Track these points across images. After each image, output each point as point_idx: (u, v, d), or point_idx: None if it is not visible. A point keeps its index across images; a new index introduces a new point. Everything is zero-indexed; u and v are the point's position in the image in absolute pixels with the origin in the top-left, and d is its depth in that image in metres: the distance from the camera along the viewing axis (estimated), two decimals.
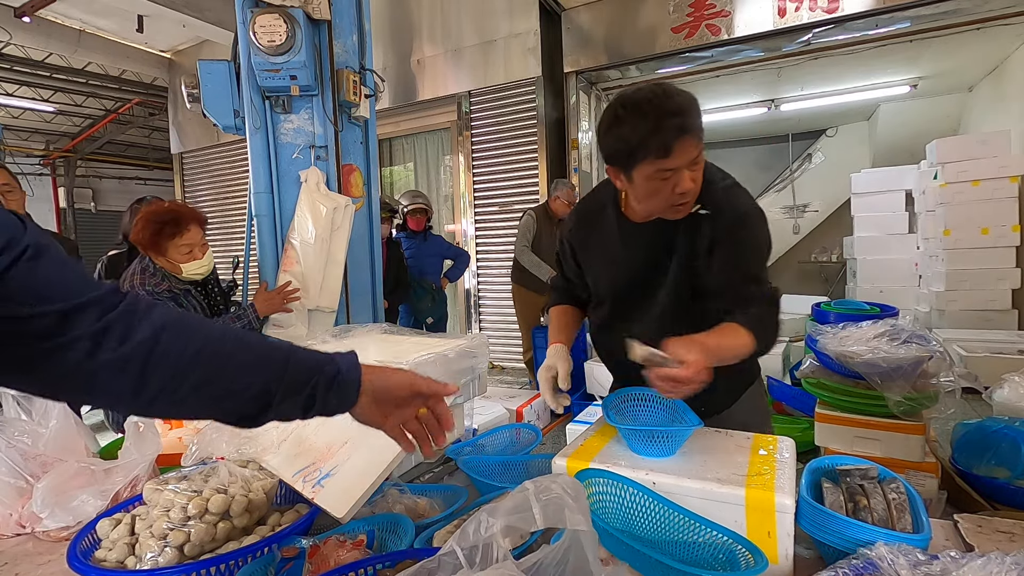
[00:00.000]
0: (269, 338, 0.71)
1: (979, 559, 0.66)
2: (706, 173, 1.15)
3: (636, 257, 1.24)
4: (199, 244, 1.99)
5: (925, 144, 5.58)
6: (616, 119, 1.07)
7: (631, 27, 4.76)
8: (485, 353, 1.49)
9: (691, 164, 1.05)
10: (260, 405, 0.64)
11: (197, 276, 2.03)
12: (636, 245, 1.23)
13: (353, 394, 0.71)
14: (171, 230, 1.92)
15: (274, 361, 0.66)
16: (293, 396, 0.66)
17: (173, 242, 1.93)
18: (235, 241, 6.88)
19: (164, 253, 1.95)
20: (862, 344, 1.57)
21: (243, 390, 0.63)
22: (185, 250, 1.96)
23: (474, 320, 5.56)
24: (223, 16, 5.17)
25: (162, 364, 0.58)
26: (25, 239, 0.52)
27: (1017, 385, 1.65)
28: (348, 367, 0.71)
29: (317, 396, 0.67)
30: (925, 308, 5.59)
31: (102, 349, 0.54)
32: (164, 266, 1.98)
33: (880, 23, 4.14)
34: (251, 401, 0.64)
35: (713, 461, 0.97)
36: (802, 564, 0.87)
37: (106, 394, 0.58)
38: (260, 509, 0.98)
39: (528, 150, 5.10)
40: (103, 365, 0.54)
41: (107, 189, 10.63)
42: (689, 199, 1.11)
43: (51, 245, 0.55)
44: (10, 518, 1.09)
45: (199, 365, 0.60)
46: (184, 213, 1.98)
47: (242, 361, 0.64)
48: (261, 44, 2.17)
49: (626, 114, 1.05)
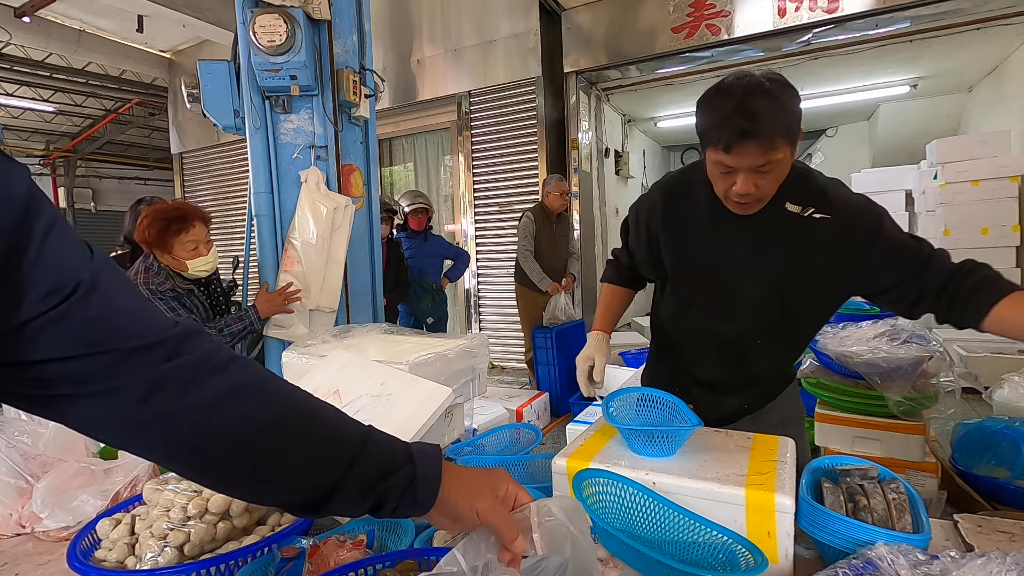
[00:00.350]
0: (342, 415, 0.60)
1: (979, 559, 0.66)
2: (806, 171, 1.14)
3: (734, 248, 1.17)
4: (204, 241, 2.01)
5: (925, 144, 5.58)
6: (708, 96, 1.05)
7: (631, 27, 4.76)
8: (485, 353, 1.49)
9: (755, 168, 1.02)
10: (315, 500, 0.55)
11: (203, 273, 2.03)
12: (735, 236, 1.16)
13: (429, 502, 0.59)
14: (177, 227, 1.94)
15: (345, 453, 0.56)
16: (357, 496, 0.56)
17: (179, 239, 1.95)
18: (235, 241, 6.88)
19: (170, 251, 1.96)
20: (862, 344, 1.57)
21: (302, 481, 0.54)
22: (191, 247, 1.97)
23: (474, 320, 5.56)
24: (223, 16, 5.18)
25: (221, 432, 0.50)
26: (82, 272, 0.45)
27: (1017, 385, 1.66)
28: (427, 473, 0.59)
29: (386, 502, 0.57)
30: None
31: (154, 400, 0.47)
32: (169, 264, 1.99)
33: (880, 23, 4.14)
34: (308, 493, 0.55)
35: (713, 461, 0.97)
36: (802, 564, 0.87)
37: (147, 451, 0.51)
38: (260, 509, 0.98)
39: (528, 150, 5.10)
40: (150, 419, 0.47)
41: (107, 189, 10.64)
42: (749, 201, 1.07)
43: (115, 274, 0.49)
44: (10, 518, 1.09)
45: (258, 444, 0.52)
46: (189, 210, 2.01)
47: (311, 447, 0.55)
48: (261, 44, 2.17)
49: (715, 96, 1.03)
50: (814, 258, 1.11)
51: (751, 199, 1.07)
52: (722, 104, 1.01)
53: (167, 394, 0.47)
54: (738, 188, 1.04)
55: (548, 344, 4.13)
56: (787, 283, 1.15)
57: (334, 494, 0.55)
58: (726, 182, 1.07)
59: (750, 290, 1.18)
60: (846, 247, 1.09)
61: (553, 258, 4.22)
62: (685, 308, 1.30)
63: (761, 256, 1.15)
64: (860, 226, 1.09)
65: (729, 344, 1.25)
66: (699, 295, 1.26)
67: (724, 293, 1.21)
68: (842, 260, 1.10)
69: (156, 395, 0.47)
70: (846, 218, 1.09)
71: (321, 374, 1.29)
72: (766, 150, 0.99)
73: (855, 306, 2.53)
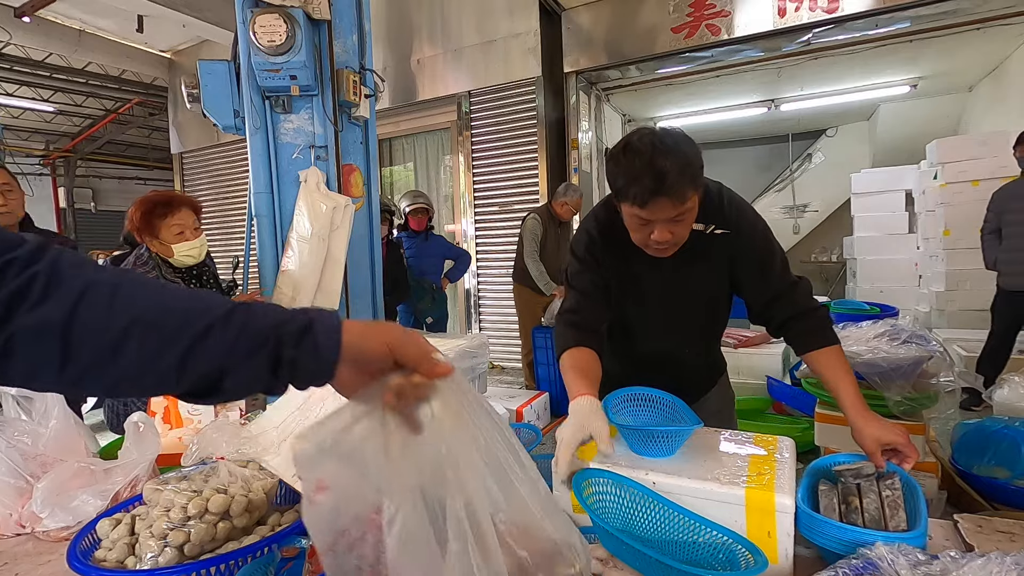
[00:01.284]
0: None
1: (979, 559, 0.66)
2: (705, 191, 1.21)
3: (658, 274, 1.28)
4: (191, 227, 2.01)
5: (925, 144, 5.58)
6: (616, 154, 1.12)
7: (631, 27, 4.76)
8: (485, 353, 1.49)
9: (669, 220, 1.11)
10: (209, 370, 0.51)
11: (190, 258, 2.02)
12: (658, 263, 1.24)
13: (333, 350, 0.55)
14: (162, 210, 1.96)
15: (218, 306, 0.53)
16: (251, 354, 0.52)
17: (165, 222, 1.96)
18: (235, 241, 6.87)
19: (157, 234, 1.97)
20: (862, 344, 1.57)
21: (183, 341, 0.50)
22: (176, 230, 1.97)
23: (474, 320, 5.56)
24: (223, 16, 5.17)
25: (90, 327, 0.48)
26: None
27: (1017, 385, 1.66)
28: (324, 318, 0.55)
29: (283, 356, 0.53)
30: (925, 308, 5.59)
31: (18, 312, 0.47)
32: (158, 250, 2.00)
33: (880, 23, 4.14)
34: (195, 361, 0.51)
35: (713, 461, 0.97)
36: (802, 564, 0.87)
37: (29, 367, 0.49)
38: (260, 509, 0.98)
39: (528, 150, 5.10)
40: (19, 330, 0.47)
41: (107, 189, 10.64)
42: (667, 247, 1.17)
43: None
44: (10, 518, 1.09)
45: (138, 323, 0.49)
46: (175, 195, 2.04)
47: (186, 307, 0.52)
48: (261, 44, 2.17)
49: (624, 153, 1.10)
50: (721, 268, 1.27)
51: (668, 245, 1.16)
52: (631, 164, 1.08)
53: (28, 303, 0.47)
54: (656, 237, 1.13)
55: (548, 344, 4.13)
56: (708, 294, 1.31)
57: (210, 346, 0.51)
58: (644, 232, 1.15)
59: (679, 307, 1.31)
60: (741, 259, 1.26)
61: (557, 261, 4.23)
62: (623, 331, 1.38)
63: (683, 275, 1.27)
64: (747, 242, 1.25)
65: (667, 356, 1.38)
66: (635, 319, 1.35)
67: (656, 315, 1.33)
68: (737, 269, 1.28)
69: (20, 306, 0.47)
70: (743, 231, 1.25)
71: None
72: (678, 203, 1.08)
73: (855, 306, 2.54)
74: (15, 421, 1.17)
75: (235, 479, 1.00)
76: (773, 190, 8.63)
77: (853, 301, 2.92)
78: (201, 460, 1.11)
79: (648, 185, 1.05)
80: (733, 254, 1.25)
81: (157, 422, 1.44)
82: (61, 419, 1.20)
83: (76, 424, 1.25)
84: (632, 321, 1.36)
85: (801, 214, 8.48)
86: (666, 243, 1.14)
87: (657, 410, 1.15)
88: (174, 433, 1.45)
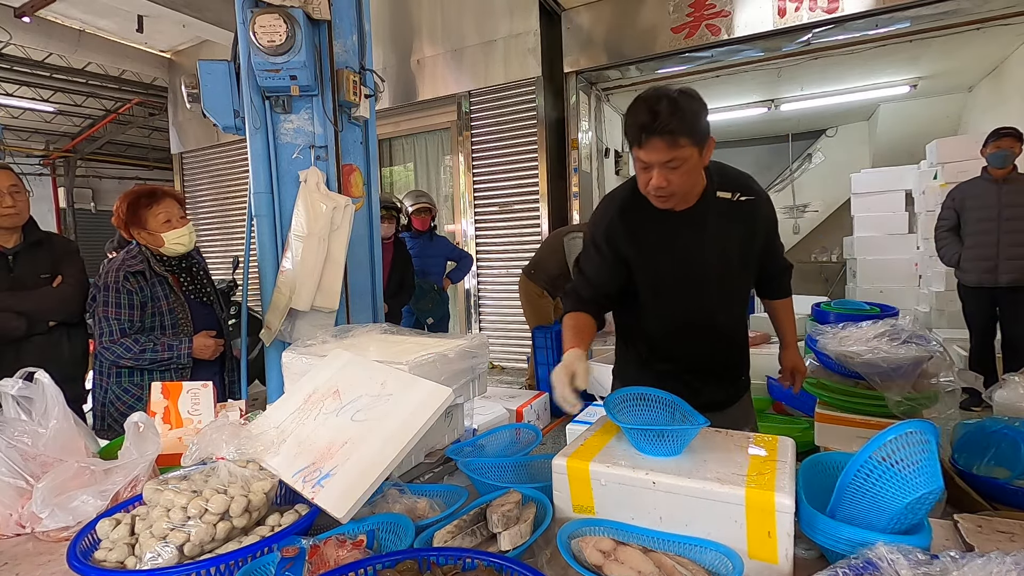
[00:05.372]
0: None
1: (979, 559, 0.66)
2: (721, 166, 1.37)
3: (690, 240, 1.35)
4: (177, 216, 2.02)
5: (925, 144, 5.58)
6: (630, 105, 1.23)
7: (631, 27, 4.76)
8: (485, 353, 1.49)
9: (663, 164, 1.19)
10: None
11: (180, 245, 2.02)
12: (689, 229, 1.34)
13: None
14: (147, 201, 1.99)
15: None
16: None
17: (151, 211, 1.98)
18: (235, 241, 6.87)
19: (144, 225, 1.98)
20: (862, 344, 1.57)
21: None
22: (163, 218, 1.98)
23: (474, 320, 5.56)
24: (223, 16, 5.18)
25: None
26: None
27: (1017, 385, 1.65)
28: None
29: None
30: (925, 308, 5.59)
31: None
32: (146, 241, 2.00)
33: (880, 23, 4.14)
34: None
35: (713, 461, 0.97)
36: (802, 564, 0.87)
37: None
38: (260, 509, 0.98)
39: (528, 150, 5.10)
40: None
41: (107, 189, 10.63)
42: (664, 195, 1.25)
43: None
44: (10, 518, 1.09)
45: None
46: (158, 187, 2.06)
47: None
48: (261, 44, 2.16)
49: (633, 103, 1.22)
50: (749, 232, 1.39)
51: (666, 193, 1.24)
52: (635, 108, 1.20)
53: None
54: (654, 182, 1.22)
55: (548, 344, 4.13)
56: (738, 257, 1.39)
57: None
58: (644, 177, 1.24)
59: (715, 271, 1.37)
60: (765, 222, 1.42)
61: None
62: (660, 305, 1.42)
63: (716, 240, 1.35)
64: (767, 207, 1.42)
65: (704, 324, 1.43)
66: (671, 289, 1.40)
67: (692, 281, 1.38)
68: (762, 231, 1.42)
69: None
70: (763, 199, 1.41)
71: (321, 374, 1.29)
72: (670, 146, 1.17)
73: (855, 306, 2.53)
74: (15, 421, 1.17)
75: (235, 479, 1.00)
76: (773, 190, 8.62)
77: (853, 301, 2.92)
78: (201, 460, 1.11)
79: (642, 122, 1.16)
80: (759, 218, 1.39)
81: (157, 422, 1.44)
82: (61, 419, 1.20)
83: (76, 424, 1.25)
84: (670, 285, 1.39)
85: (801, 214, 8.48)
86: (664, 191, 1.22)
87: (658, 409, 1.15)
88: (174, 433, 1.45)
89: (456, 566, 0.82)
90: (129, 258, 1.98)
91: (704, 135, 1.21)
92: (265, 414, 1.29)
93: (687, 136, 1.16)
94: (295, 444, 1.12)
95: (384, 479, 1.01)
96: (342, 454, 1.04)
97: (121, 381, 1.98)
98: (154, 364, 1.95)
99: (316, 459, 1.05)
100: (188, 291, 2.10)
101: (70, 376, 2.03)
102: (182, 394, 1.50)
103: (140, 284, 1.96)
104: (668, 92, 1.18)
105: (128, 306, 1.94)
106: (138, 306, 1.95)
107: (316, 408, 1.20)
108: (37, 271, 2.04)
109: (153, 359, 1.94)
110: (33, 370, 1.22)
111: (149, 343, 1.95)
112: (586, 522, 0.95)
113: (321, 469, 1.02)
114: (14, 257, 2.01)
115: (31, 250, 2.05)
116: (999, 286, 3.61)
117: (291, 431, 1.16)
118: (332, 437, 1.09)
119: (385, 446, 1.03)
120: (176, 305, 2.03)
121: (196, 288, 2.13)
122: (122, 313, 1.93)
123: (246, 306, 2.50)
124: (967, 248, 3.73)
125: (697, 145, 1.19)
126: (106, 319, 1.92)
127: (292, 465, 1.06)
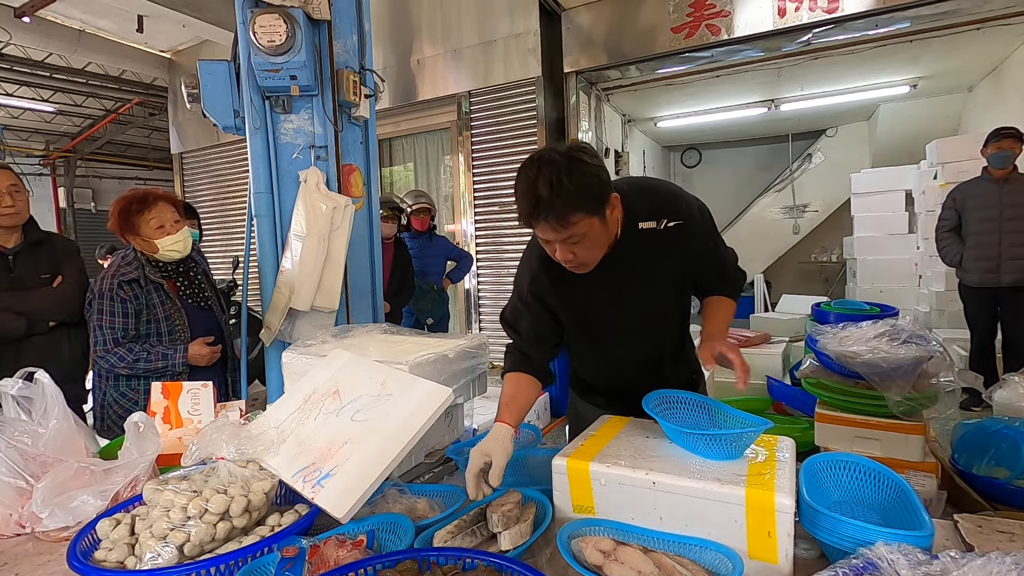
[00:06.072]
0: None
1: (979, 559, 0.66)
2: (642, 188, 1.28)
3: (615, 281, 1.27)
4: (171, 221, 1.98)
5: (925, 144, 5.58)
6: (516, 176, 1.13)
7: (631, 27, 4.76)
8: (485, 353, 1.49)
9: (562, 240, 1.10)
10: None
11: (175, 252, 1.99)
12: (612, 271, 1.25)
13: None
14: (139, 207, 1.95)
15: None
16: None
17: (143, 218, 1.94)
18: (235, 241, 6.87)
19: (137, 231, 1.95)
20: (862, 344, 1.57)
21: None
22: (155, 224, 1.95)
23: (474, 320, 5.56)
24: (223, 16, 5.17)
25: None
26: None
27: (1017, 385, 1.65)
28: None
29: None
30: (925, 308, 5.58)
31: None
32: (141, 247, 1.98)
33: (880, 23, 4.14)
34: None
35: (713, 461, 0.97)
36: (802, 564, 0.87)
37: None
38: (260, 509, 0.98)
39: (528, 150, 5.08)
40: None
41: (107, 189, 10.63)
42: (574, 265, 1.17)
43: None
44: (10, 518, 1.09)
45: None
46: (151, 191, 2.02)
47: None
48: (261, 44, 2.16)
49: (517, 176, 1.12)
50: (682, 257, 1.28)
51: (576, 264, 1.16)
52: (518, 185, 1.10)
53: None
54: (559, 256, 1.14)
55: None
56: (669, 287, 1.33)
57: None
58: (549, 249, 1.16)
59: (644, 307, 1.32)
60: (697, 244, 1.28)
61: None
62: (594, 346, 1.40)
63: (645, 274, 1.28)
64: (699, 227, 1.28)
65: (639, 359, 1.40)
66: (600, 331, 1.36)
67: (624, 320, 1.33)
68: (696, 255, 1.30)
69: None
70: (695, 220, 1.27)
71: (321, 374, 1.29)
72: (562, 226, 1.06)
73: (855, 306, 2.53)
74: (15, 421, 1.17)
75: (235, 479, 1.00)
76: (773, 190, 8.62)
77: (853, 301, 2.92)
78: (201, 460, 1.11)
79: (524, 209, 1.07)
80: (691, 243, 1.27)
81: (157, 422, 1.44)
82: (61, 419, 1.20)
83: (76, 424, 1.25)
84: (602, 329, 1.35)
85: (801, 214, 8.48)
86: (571, 262, 1.15)
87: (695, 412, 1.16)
88: (174, 433, 1.45)
89: (456, 566, 0.83)
90: (124, 265, 1.96)
91: (602, 200, 1.09)
92: (265, 414, 1.29)
93: (579, 211, 1.05)
94: (295, 444, 1.12)
95: (384, 479, 1.01)
96: (342, 454, 1.04)
97: (119, 385, 1.98)
98: (148, 373, 1.94)
99: (316, 459, 1.05)
100: (185, 296, 2.07)
101: (70, 376, 2.03)
102: (182, 394, 1.50)
103: (135, 292, 1.94)
104: (549, 165, 1.05)
105: (122, 315, 1.92)
106: (132, 314, 1.93)
107: (316, 408, 1.20)
108: (37, 271, 2.04)
109: (147, 368, 1.93)
110: (33, 370, 1.22)
111: (143, 352, 1.93)
112: (586, 522, 0.95)
113: (321, 469, 1.02)
114: (14, 257, 2.01)
115: (31, 250, 2.05)
116: (1001, 286, 3.62)
117: (291, 431, 1.16)
118: (332, 437, 1.09)
119: (385, 446, 1.03)
120: (172, 311, 2.01)
121: (194, 293, 2.11)
122: (116, 322, 1.91)
123: (246, 306, 2.50)
124: (969, 248, 3.73)
125: (595, 214, 1.08)
126: (100, 328, 1.91)
127: (292, 465, 1.06)
